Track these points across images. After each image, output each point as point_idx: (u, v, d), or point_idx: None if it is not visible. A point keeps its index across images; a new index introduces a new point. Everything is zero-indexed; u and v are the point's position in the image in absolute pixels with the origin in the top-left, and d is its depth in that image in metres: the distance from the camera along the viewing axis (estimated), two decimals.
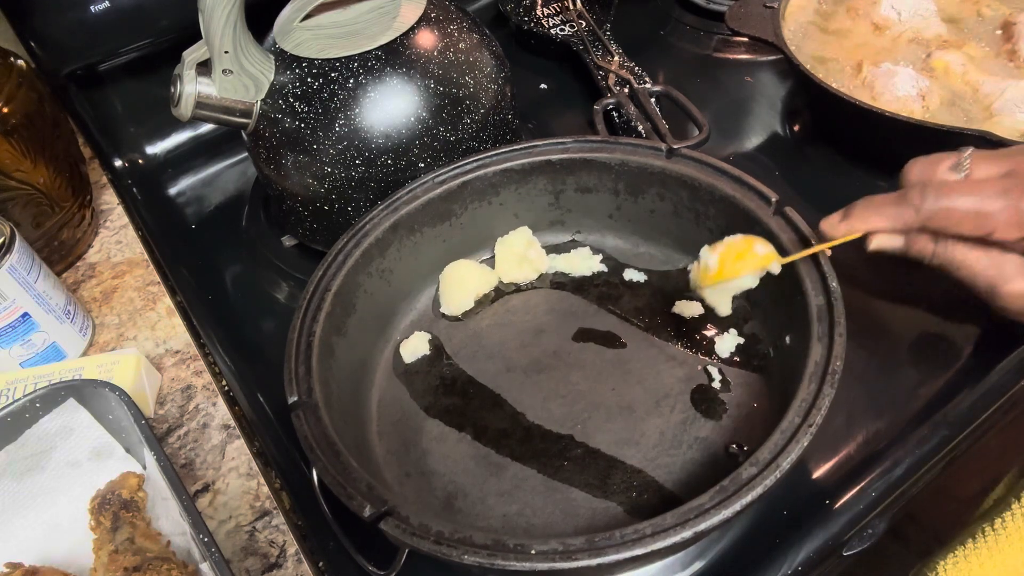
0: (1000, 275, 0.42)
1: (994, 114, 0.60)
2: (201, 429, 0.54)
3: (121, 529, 0.41)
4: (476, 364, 0.54)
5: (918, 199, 0.41)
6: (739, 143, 0.71)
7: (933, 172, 0.43)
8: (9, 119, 0.58)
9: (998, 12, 0.69)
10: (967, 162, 0.42)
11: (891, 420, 0.49)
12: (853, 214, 0.43)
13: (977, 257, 0.42)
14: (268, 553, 0.46)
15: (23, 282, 0.54)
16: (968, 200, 0.40)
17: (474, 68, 0.59)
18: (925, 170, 0.43)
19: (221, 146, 0.80)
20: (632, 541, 0.35)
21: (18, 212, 0.61)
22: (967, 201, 0.40)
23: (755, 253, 0.46)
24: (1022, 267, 0.42)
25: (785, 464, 0.36)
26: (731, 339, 0.52)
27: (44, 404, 0.46)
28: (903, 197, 0.41)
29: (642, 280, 0.57)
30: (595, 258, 0.59)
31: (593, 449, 0.48)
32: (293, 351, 0.47)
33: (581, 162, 0.56)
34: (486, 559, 0.35)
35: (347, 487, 0.39)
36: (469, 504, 0.47)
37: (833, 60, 0.68)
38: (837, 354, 0.41)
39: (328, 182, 0.57)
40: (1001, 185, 0.40)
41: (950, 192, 0.40)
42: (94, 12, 0.69)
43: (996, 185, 0.40)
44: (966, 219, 0.40)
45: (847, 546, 0.46)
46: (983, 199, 0.40)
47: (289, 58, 0.57)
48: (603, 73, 0.75)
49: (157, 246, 0.70)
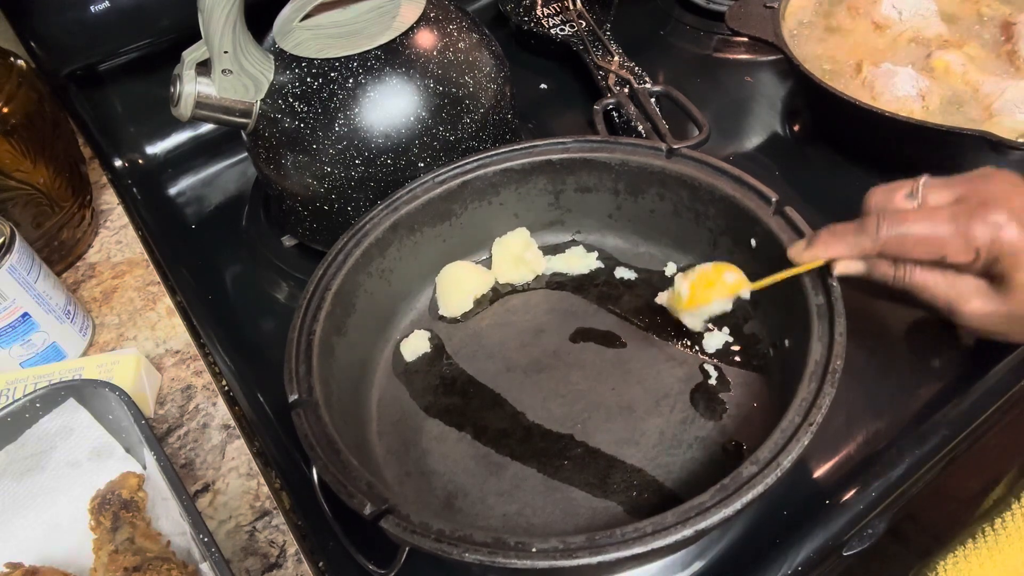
0: (958, 296, 0.44)
1: (994, 114, 0.60)
2: (201, 429, 0.54)
3: (121, 529, 0.41)
4: (476, 364, 0.54)
5: (873, 228, 0.43)
6: (739, 143, 0.71)
7: (890, 200, 0.45)
8: (9, 119, 0.58)
9: (998, 12, 0.69)
10: (920, 190, 0.45)
11: (891, 420, 0.49)
12: (817, 242, 0.45)
13: (935, 280, 0.44)
14: (268, 553, 0.46)
15: (23, 282, 0.54)
16: (919, 227, 0.42)
17: (473, 68, 0.59)
18: (883, 198, 0.46)
19: (221, 146, 0.80)
20: (633, 539, 0.35)
21: (18, 212, 0.61)
22: (918, 228, 0.42)
23: (724, 282, 0.48)
24: (976, 288, 0.44)
25: (785, 463, 0.36)
26: (720, 336, 0.52)
27: (44, 404, 0.46)
28: (861, 226, 0.44)
29: (642, 280, 0.57)
30: (591, 255, 0.59)
31: (593, 448, 0.48)
32: (293, 350, 0.47)
33: (581, 162, 0.56)
34: (487, 557, 0.35)
35: (347, 485, 0.39)
36: (469, 503, 0.47)
37: (833, 60, 0.68)
38: (837, 353, 0.41)
39: (328, 182, 0.57)
40: (950, 212, 0.42)
41: (903, 220, 0.43)
42: (94, 12, 0.69)
43: (945, 212, 0.43)
44: (919, 245, 0.43)
45: (847, 546, 0.46)
46: (933, 225, 0.42)
47: (289, 58, 0.57)
48: (603, 73, 0.75)
49: (157, 246, 0.70)
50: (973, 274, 0.44)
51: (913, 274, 0.45)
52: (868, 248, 0.44)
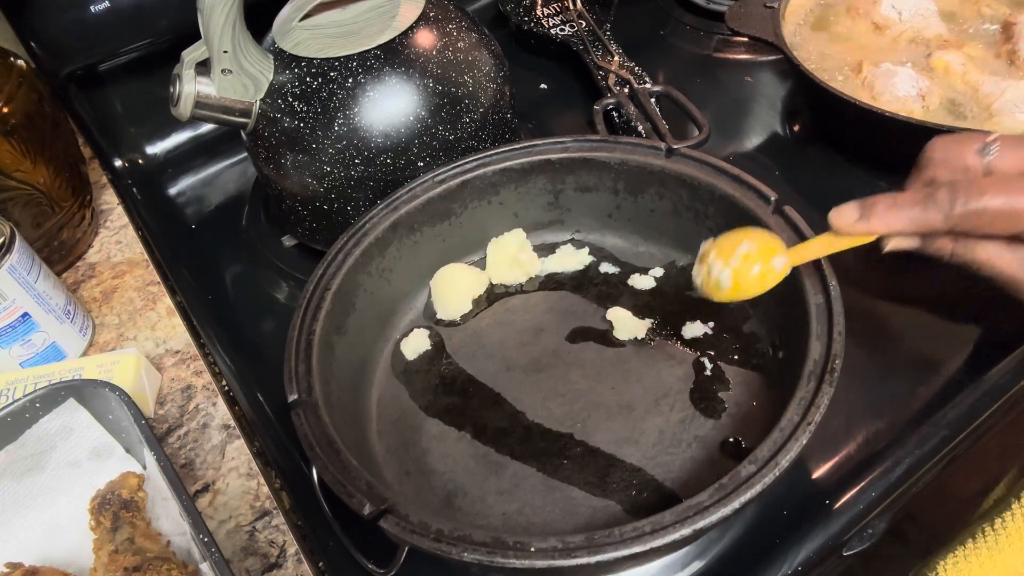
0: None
1: (994, 114, 0.60)
2: (201, 429, 0.54)
3: (121, 529, 0.41)
4: (475, 363, 0.54)
5: (947, 202, 0.38)
6: (739, 143, 0.71)
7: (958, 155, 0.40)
8: (9, 119, 0.58)
9: (998, 12, 0.69)
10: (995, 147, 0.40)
11: (891, 420, 0.49)
12: (874, 213, 0.40)
13: (1000, 255, 0.40)
14: (268, 553, 0.46)
15: (23, 282, 0.54)
16: (999, 201, 0.38)
17: (473, 67, 0.59)
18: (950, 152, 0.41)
19: (221, 146, 0.80)
20: (631, 539, 0.35)
21: (18, 212, 0.61)
22: (999, 202, 0.38)
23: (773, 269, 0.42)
24: None
25: (784, 462, 0.36)
26: (699, 326, 0.53)
27: (44, 404, 0.46)
28: (931, 198, 0.39)
29: (642, 279, 0.57)
30: (582, 251, 0.59)
31: (592, 448, 0.48)
32: (293, 349, 0.47)
33: (581, 161, 0.56)
34: (485, 556, 0.35)
35: (347, 485, 0.39)
36: (469, 503, 0.47)
37: (833, 60, 0.68)
38: (836, 352, 0.41)
39: (327, 181, 0.57)
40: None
41: (981, 194, 0.38)
42: (94, 12, 0.69)
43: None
44: (998, 220, 0.38)
45: (847, 546, 0.46)
46: (1015, 199, 0.38)
47: (288, 58, 0.57)
48: (603, 73, 0.75)
49: (157, 246, 0.70)
50: None
51: (976, 250, 0.40)
52: (938, 224, 0.39)
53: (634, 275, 0.58)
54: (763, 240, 0.43)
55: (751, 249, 0.43)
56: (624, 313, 0.55)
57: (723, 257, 0.43)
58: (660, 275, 0.57)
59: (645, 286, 0.57)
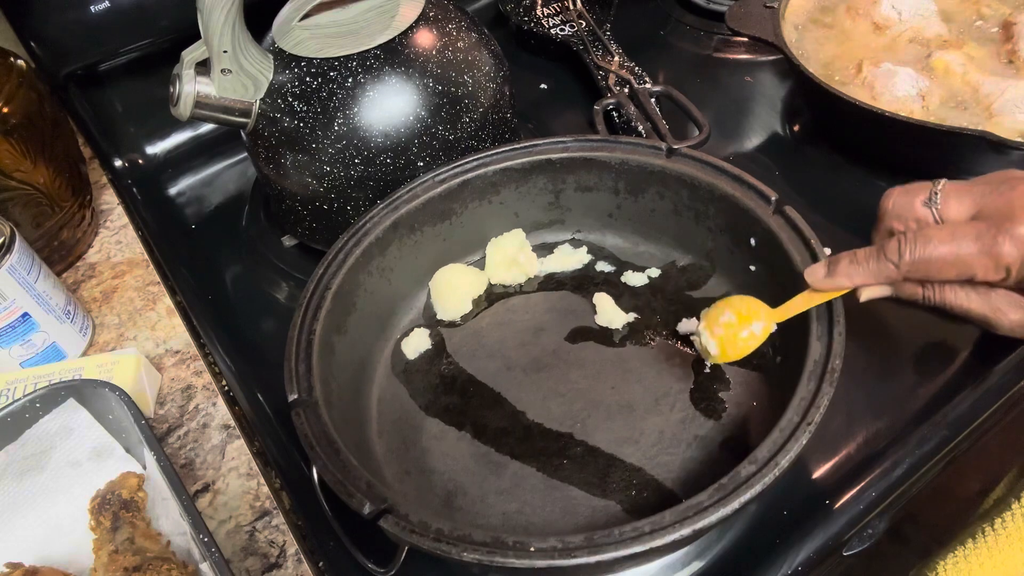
0: (993, 311, 0.43)
1: (994, 114, 0.60)
2: (201, 429, 0.54)
3: (121, 529, 0.41)
4: (476, 363, 0.54)
5: (895, 253, 0.41)
6: (739, 143, 0.71)
7: (908, 207, 0.44)
8: (9, 119, 0.58)
9: (998, 12, 0.69)
10: (939, 196, 0.43)
11: (891, 420, 0.49)
12: (838, 271, 0.43)
13: (967, 296, 0.43)
14: (268, 553, 0.46)
15: (23, 282, 0.54)
16: (944, 249, 0.40)
17: (473, 67, 0.59)
18: (901, 204, 0.44)
19: (221, 146, 0.80)
20: (631, 539, 0.35)
21: (18, 212, 0.61)
22: (943, 250, 0.40)
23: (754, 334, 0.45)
24: (1011, 300, 0.43)
25: (784, 462, 0.36)
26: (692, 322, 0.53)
27: (44, 404, 0.46)
28: (882, 251, 0.42)
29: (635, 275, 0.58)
30: (580, 251, 0.59)
31: (592, 447, 0.48)
32: (293, 349, 0.47)
33: (581, 161, 0.56)
34: (485, 556, 0.35)
35: (347, 485, 0.39)
36: (469, 502, 0.47)
37: (833, 60, 0.68)
38: (836, 352, 0.41)
39: (327, 181, 0.57)
40: (975, 230, 0.40)
41: (926, 243, 0.41)
42: (94, 12, 0.69)
43: (970, 230, 0.40)
44: (946, 267, 0.41)
45: (847, 546, 0.46)
46: (958, 246, 0.40)
47: (288, 57, 0.57)
48: (603, 73, 0.75)
49: (157, 246, 0.70)
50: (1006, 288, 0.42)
51: (943, 293, 0.43)
52: (892, 275, 0.42)
53: (627, 272, 0.58)
54: (744, 308, 0.46)
55: (731, 318, 0.46)
56: (608, 301, 0.55)
57: (709, 328, 0.47)
58: (656, 275, 0.57)
59: (637, 283, 0.57)
